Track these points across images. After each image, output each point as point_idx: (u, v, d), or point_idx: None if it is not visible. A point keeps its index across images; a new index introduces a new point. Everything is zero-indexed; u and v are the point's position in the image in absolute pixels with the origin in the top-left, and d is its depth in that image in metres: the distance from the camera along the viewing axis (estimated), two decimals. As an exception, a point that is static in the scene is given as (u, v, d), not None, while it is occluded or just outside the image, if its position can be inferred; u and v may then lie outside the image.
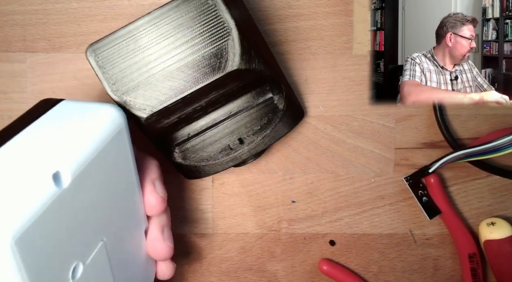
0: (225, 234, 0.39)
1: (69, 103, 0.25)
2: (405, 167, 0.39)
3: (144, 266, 0.30)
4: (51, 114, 0.25)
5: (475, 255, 0.38)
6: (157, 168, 0.30)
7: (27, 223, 0.19)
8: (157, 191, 0.29)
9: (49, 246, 0.20)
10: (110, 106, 0.25)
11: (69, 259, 0.22)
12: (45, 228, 0.20)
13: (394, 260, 0.40)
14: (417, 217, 0.39)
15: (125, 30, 0.30)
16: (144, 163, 0.30)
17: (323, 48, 0.37)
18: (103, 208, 0.25)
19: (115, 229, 0.26)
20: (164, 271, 0.32)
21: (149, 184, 0.29)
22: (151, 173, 0.30)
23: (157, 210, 0.29)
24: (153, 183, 0.29)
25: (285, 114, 0.34)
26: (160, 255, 0.30)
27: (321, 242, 0.39)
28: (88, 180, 0.23)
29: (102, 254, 0.25)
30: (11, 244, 0.18)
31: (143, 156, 0.30)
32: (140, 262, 0.30)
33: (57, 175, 0.21)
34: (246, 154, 0.34)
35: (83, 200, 0.23)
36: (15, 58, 0.37)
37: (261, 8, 0.37)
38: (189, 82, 0.30)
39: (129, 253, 0.28)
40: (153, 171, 0.30)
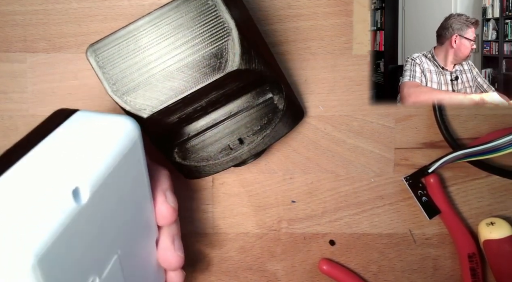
0: (225, 234, 0.39)
1: (84, 115, 0.25)
2: (405, 167, 0.39)
3: (154, 275, 0.31)
4: (66, 126, 0.24)
5: (474, 255, 0.38)
6: (168, 178, 0.31)
7: (48, 241, 0.18)
8: (168, 201, 0.29)
9: (68, 262, 0.20)
10: (125, 119, 0.25)
11: (87, 274, 0.22)
12: (65, 245, 0.20)
13: (394, 259, 0.40)
14: (417, 217, 0.39)
15: (126, 31, 0.30)
16: (155, 173, 0.30)
17: (323, 48, 0.37)
18: (119, 221, 0.25)
19: (128, 241, 0.26)
20: (175, 279, 0.32)
21: (160, 195, 0.29)
22: (162, 183, 0.30)
23: (168, 220, 0.30)
24: (165, 194, 0.30)
25: (285, 114, 0.34)
26: (171, 265, 0.30)
27: (321, 242, 0.39)
28: (105, 194, 0.22)
29: (117, 267, 0.25)
30: (33, 264, 0.18)
31: (154, 166, 0.31)
32: (151, 271, 0.30)
33: (76, 191, 0.21)
34: (246, 154, 0.34)
35: (101, 215, 0.22)
36: (15, 58, 0.37)
37: (261, 8, 0.37)
38: (189, 83, 0.30)
39: (140, 263, 0.28)
40: (164, 182, 0.30)
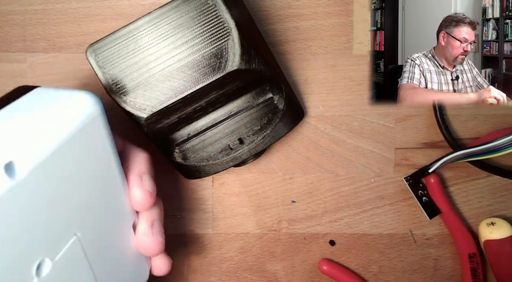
0: (225, 234, 0.39)
1: (43, 90, 0.24)
2: (405, 167, 0.39)
3: (135, 262, 0.29)
4: (21, 101, 0.23)
5: (475, 255, 0.38)
6: (146, 161, 0.29)
7: None
8: (144, 184, 0.28)
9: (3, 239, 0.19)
10: (84, 93, 0.23)
11: (32, 255, 0.21)
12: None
13: (394, 260, 0.40)
14: (417, 217, 0.39)
15: (125, 30, 0.30)
16: (132, 156, 0.28)
17: (323, 48, 0.37)
18: (75, 202, 0.23)
19: (92, 224, 0.25)
20: (160, 266, 0.30)
21: (135, 178, 0.28)
22: (138, 166, 0.28)
23: (144, 205, 0.28)
24: (140, 177, 0.28)
25: (285, 114, 0.34)
26: (150, 250, 0.29)
27: (321, 242, 0.39)
28: (52, 172, 0.21)
29: (76, 250, 0.23)
30: None
31: (132, 148, 0.29)
32: (129, 257, 0.29)
33: (9, 166, 0.19)
34: (246, 154, 0.34)
35: (47, 193, 0.21)
36: (15, 58, 0.37)
37: (261, 8, 0.37)
38: (189, 82, 0.30)
39: (113, 249, 0.27)
40: (141, 164, 0.28)
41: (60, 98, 0.23)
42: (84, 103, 0.23)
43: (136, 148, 0.29)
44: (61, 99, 0.23)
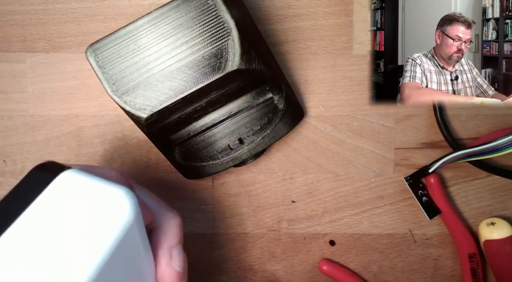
0: (225, 234, 0.39)
1: (68, 181, 0.21)
2: (405, 167, 0.39)
3: None
4: (46, 198, 0.20)
5: (475, 255, 0.38)
6: (177, 231, 0.26)
7: None
8: (173, 264, 0.25)
9: None
10: (122, 192, 0.21)
11: None
12: None
13: (394, 260, 0.40)
14: (417, 217, 0.39)
15: (125, 30, 0.30)
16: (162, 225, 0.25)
17: (323, 48, 0.37)
18: None
19: None
20: None
21: (164, 255, 0.25)
22: (169, 239, 0.25)
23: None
24: (170, 253, 0.25)
25: (285, 114, 0.34)
26: None
27: (321, 242, 0.39)
28: None
29: None
30: None
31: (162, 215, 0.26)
32: None
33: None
34: (246, 154, 0.34)
35: None
36: (15, 58, 0.37)
37: (261, 8, 0.37)
38: (189, 82, 0.30)
39: None
40: (171, 236, 0.26)
41: (95, 200, 0.20)
42: (124, 207, 0.20)
43: (167, 212, 0.26)
44: (97, 203, 0.20)
